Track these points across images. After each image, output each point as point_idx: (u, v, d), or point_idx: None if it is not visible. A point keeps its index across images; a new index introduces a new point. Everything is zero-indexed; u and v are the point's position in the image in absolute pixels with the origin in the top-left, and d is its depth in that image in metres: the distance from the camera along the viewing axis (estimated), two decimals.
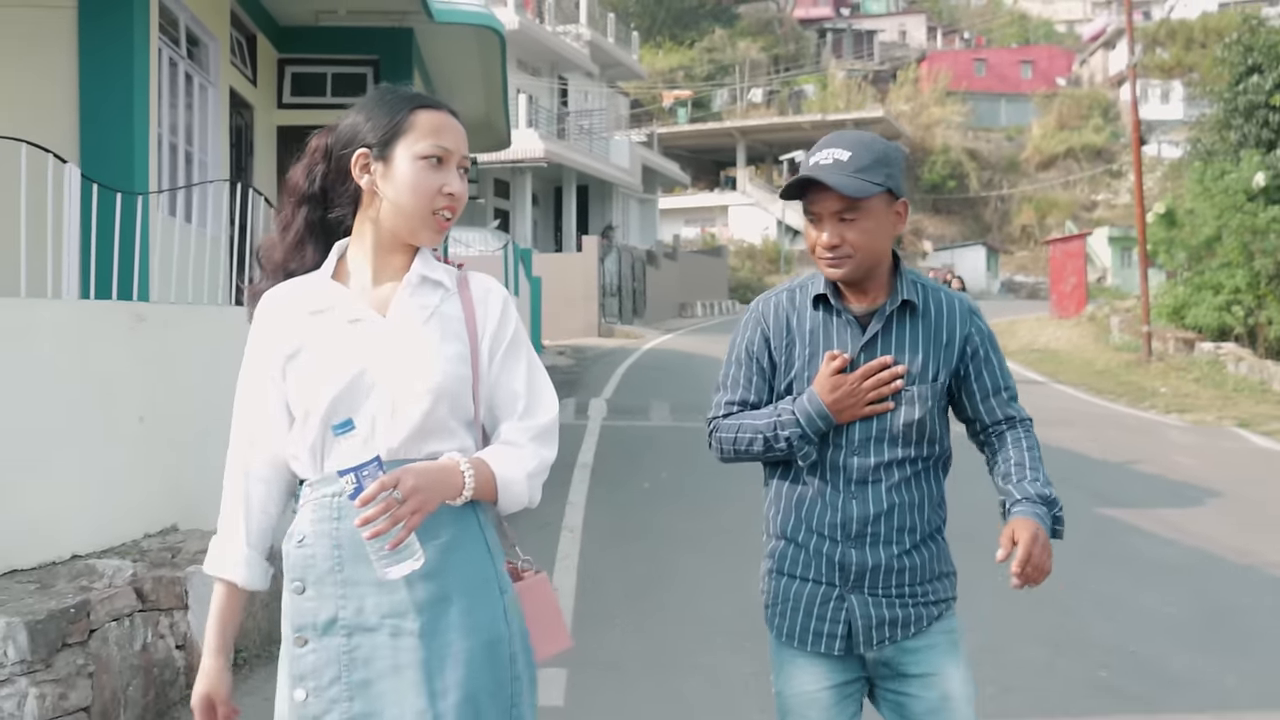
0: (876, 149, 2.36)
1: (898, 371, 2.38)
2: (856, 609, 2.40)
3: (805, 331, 2.46)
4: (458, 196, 2.13)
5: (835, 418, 2.37)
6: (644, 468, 9.80)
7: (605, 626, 5.66)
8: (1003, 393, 2.50)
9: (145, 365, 5.70)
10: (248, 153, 12.34)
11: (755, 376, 2.50)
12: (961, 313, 2.47)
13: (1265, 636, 5.58)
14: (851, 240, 2.35)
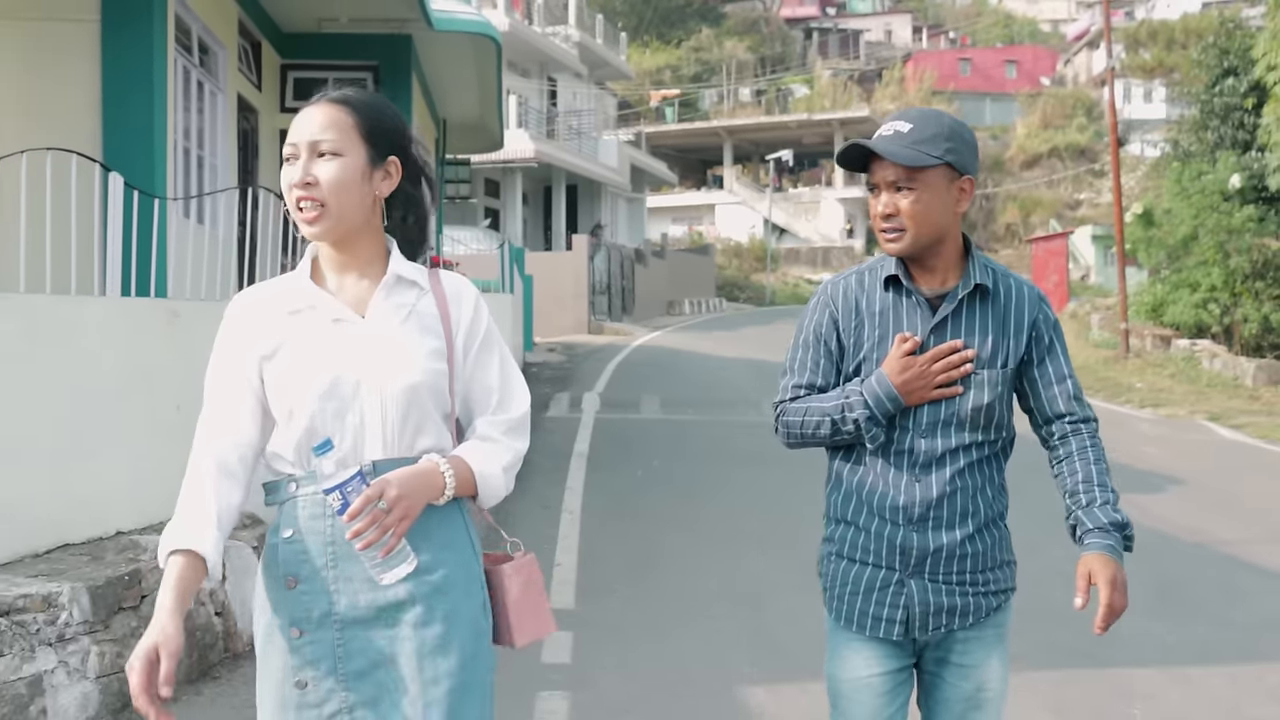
0: (942, 123, 2.37)
1: (967, 355, 2.38)
2: (915, 594, 2.40)
3: (875, 313, 2.45)
4: (309, 184, 2.06)
5: (904, 400, 2.37)
6: (636, 457, 10.30)
7: (606, 596, 6.16)
8: (1067, 383, 2.47)
9: (180, 358, 6.16)
10: (253, 155, 12.78)
11: (823, 360, 2.49)
12: (1031, 299, 2.46)
13: (1206, 603, 6.13)
14: (906, 211, 2.34)
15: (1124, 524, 2.36)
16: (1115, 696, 4.72)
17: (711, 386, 15.82)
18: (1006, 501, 2.50)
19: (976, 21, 77.36)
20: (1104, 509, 2.36)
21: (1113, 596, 2.26)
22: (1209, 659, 5.23)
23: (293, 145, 2.10)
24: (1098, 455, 2.44)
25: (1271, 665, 5.15)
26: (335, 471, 1.96)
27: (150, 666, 1.96)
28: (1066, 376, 2.49)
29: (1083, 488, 2.40)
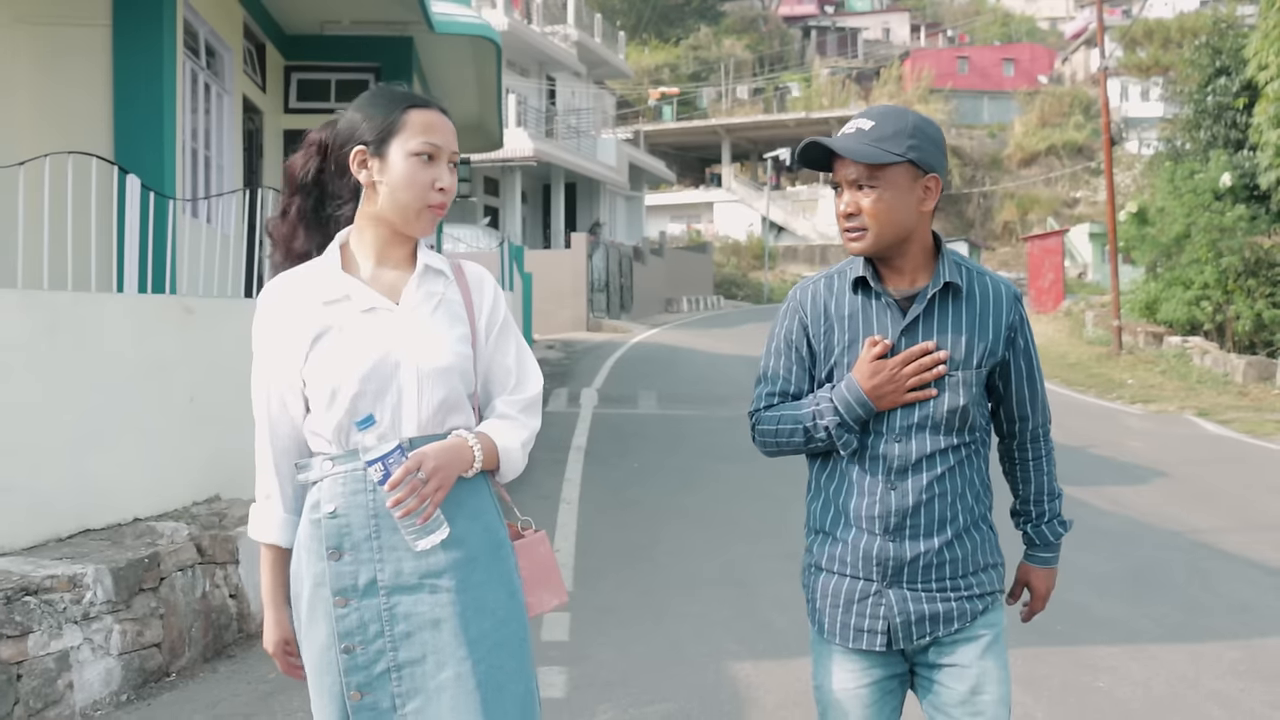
0: (904, 121, 2.32)
1: (939, 357, 2.33)
2: (895, 605, 2.35)
3: (844, 316, 2.40)
4: (448, 190, 2.25)
5: (875, 405, 2.32)
6: (633, 450, 10.57)
7: (602, 580, 6.43)
8: (1037, 385, 2.48)
9: (194, 352, 6.43)
10: (258, 155, 13.03)
11: (795, 366, 2.46)
12: (1007, 298, 2.42)
13: (1175, 587, 6.41)
14: (868, 210, 2.30)
15: (1064, 533, 2.54)
16: (1082, 671, 4.99)
17: (708, 382, 16.09)
18: (990, 502, 2.46)
19: (974, 20, 77.57)
20: (1050, 525, 2.52)
21: (1038, 605, 2.58)
22: (1173, 637, 5.50)
23: (437, 146, 2.24)
24: (1050, 463, 2.53)
25: (1232, 643, 5.42)
26: (376, 445, 2.09)
27: (287, 653, 2.34)
28: (1038, 381, 2.51)
29: (1034, 499, 2.52)
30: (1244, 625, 5.73)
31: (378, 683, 2.20)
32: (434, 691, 2.19)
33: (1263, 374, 18.66)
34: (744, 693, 4.73)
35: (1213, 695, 4.76)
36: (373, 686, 2.20)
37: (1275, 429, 13.43)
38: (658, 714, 4.49)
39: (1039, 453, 2.53)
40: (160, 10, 8.70)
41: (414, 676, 2.20)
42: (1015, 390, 2.48)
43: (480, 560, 2.23)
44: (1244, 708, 4.63)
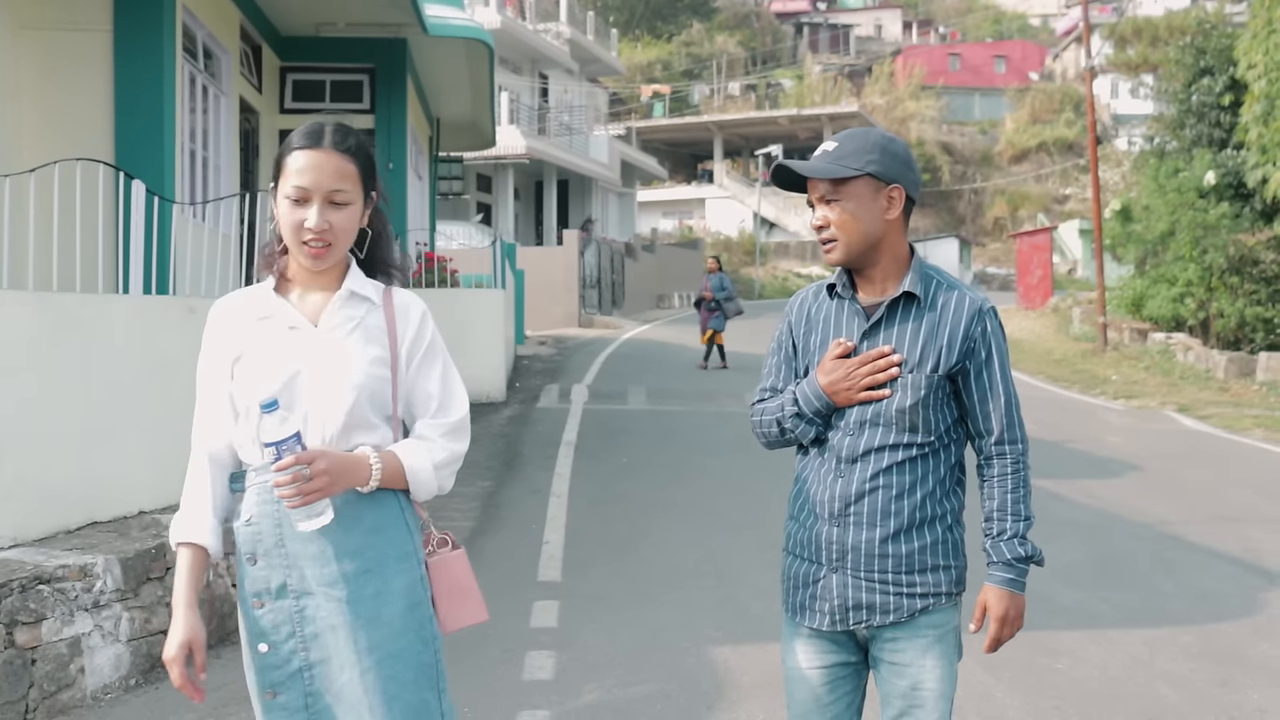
0: (867, 140, 2.53)
1: (894, 360, 2.49)
2: (834, 588, 2.52)
3: (819, 320, 2.63)
4: (316, 230, 2.33)
5: (832, 399, 2.52)
6: (622, 446, 10.83)
7: (590, 569, 6.69)
8: (1001, 400, 2.55)
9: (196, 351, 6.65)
10: (254, 155, 13.24)
11: (783, 365, 2.69)
12: (970, 310, 2.53)
13: (1138, 576, 6.69)
14: (835, 222, 2.51)
15: (1028, 557, 2.51)
16: (1043, 653, 5.25)
17: (697, 378, 16.37)
18: (954, 505, 2.55)
19: (966, 17, 77.87)
20: (1010, 543, 2.51)
21: (1000, 631, 2.53)
22: (1132, 622, 5.78)
23: (304, 190, 2.33)
24: (1016, 482, 2.54)
25: (1187, 628, 5.70)
26: (277, 428, 2.20)
27: (185, 659, 2.33)
28: (1002, 394, 2.56)
29: (996, 515, 2.53)
30: (1200, 611, 6.02)
31: (291, 682, 2.33)
32: (336, 693, 2.32)
33: (1243, 370, 18.94)
34: (722, 675, 4.99)
35: (1164, 675, 5.04)
36: (286, 686, 2.33)
37: (1252, 424, 13.69)
38: (641, 694, 4.75)
39: (1004, 469, 2.57)
40: (160, 15, 8.90)
41: (322, 676, 2.33)
42: (976, 402, 2.57)
43: (378, 573, 2.32)
44: (1193, 686, 4.91)
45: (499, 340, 14.07)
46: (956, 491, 2.60)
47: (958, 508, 2.60)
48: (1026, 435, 2.62)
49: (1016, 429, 2.59)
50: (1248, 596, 6.27)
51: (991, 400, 2.56)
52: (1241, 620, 5.85)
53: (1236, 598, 6.26)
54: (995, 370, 2.56)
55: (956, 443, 2.61)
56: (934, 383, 2.52)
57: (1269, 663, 5.22)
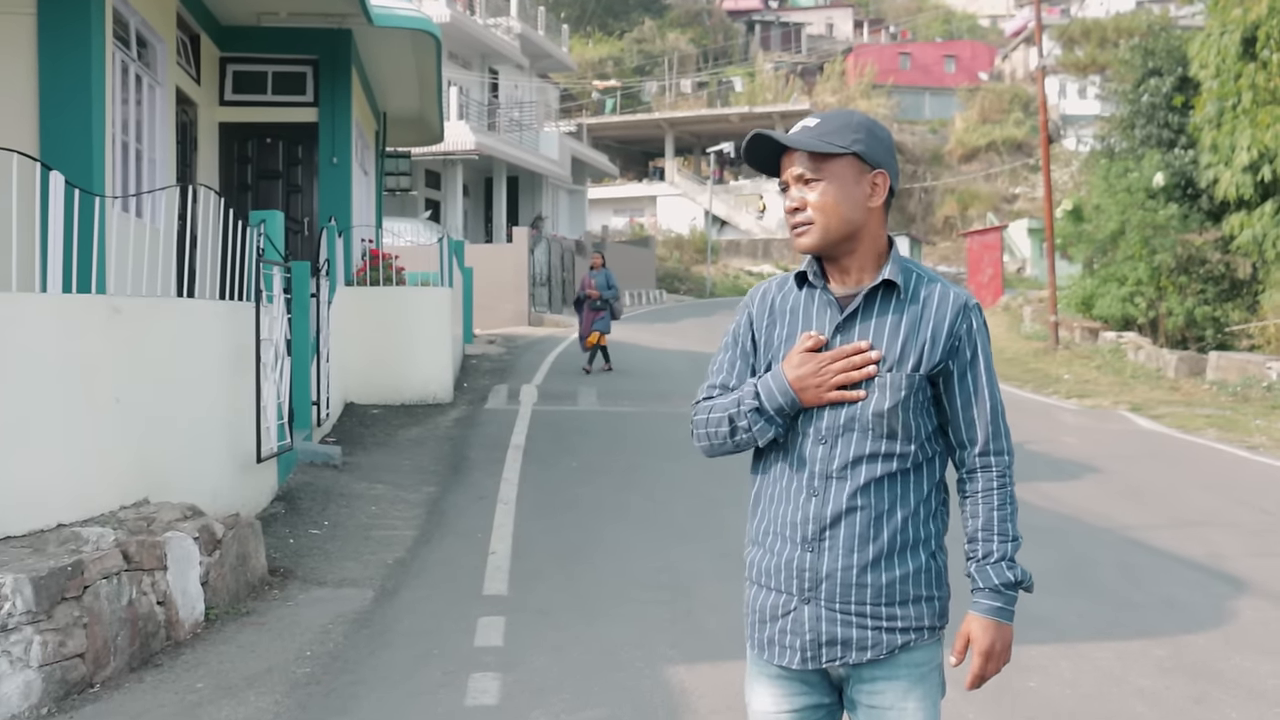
0: (850, 119, 2.33)
1: (871, 357, 2.25)
2: (807, 622, 2.27)
3: (785, 311, 2.38)
4: None
5: (798, 397, 2.26)
6: (573, 449, 10.52)
7: (539, 582, 6.39)
8: (986, 406, 2.33)
9: (120, 352, 6.30)
10: (192, 148, 12.82)
11: (739, 360, 2.43)
12: (955, 305, 2.31)
13: (1105, 584, 6.49)
14: (814, 203, 2.28)
15: (1016, 582, 2.28)
16: (1013, 670, 5.01)
17: (649, 378, 16.08)
18: (937, 528, 2.32)
19: (917, 16, 78.22)
20: (998, 566, 2.28)
21: (984, 667, 2.29)
22: (1102, 635, 5.57)
23: None
24: (1003, 498, 2.31)
25: (1158, 640, 5.50)
26: None
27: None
28: (987, 399, 2.33)
29: (981, 536, 2.30)
30: (1170, 621, 5.82)
31: None
32: None
33: (1193, 369, 18.99)
34: (678, 698, 4.71)
35: (1139, 693, 4.82)
36: None
37: (1205, 424, 13.66)
38: None
39: (989, 484, 2.33)
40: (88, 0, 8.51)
41: None
42: (959, 408, 2.34)
43: None
44: (1169, 704, 4.70)
45: (445, 340, 13.71)
46: (940, 513, 2.36)
47: (941, 531, 2.36)
48: (1013, 446, 2.38)
49: (1003, 439, 2.35)
50: (1216, 605, 6.09)
51: (976, 406, 2.33)
52: (1212, 631, 5.66)
53: (1205, 607, 6.07)
54: (980, 373, 2.33)
55: (939, 455, 2.37)
56: (915, 383, 2.28)
57: (1243, 678, 5.03)
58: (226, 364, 7.48)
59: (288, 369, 8.47)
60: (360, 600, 6.15)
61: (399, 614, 5.88)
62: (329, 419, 10.97)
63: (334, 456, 9.39)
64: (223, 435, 7.38)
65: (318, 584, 6.47)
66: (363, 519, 7.88)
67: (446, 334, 13.75)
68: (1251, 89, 19.24)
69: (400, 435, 11.20)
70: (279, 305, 8.07)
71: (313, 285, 10.26)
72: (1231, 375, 17.99)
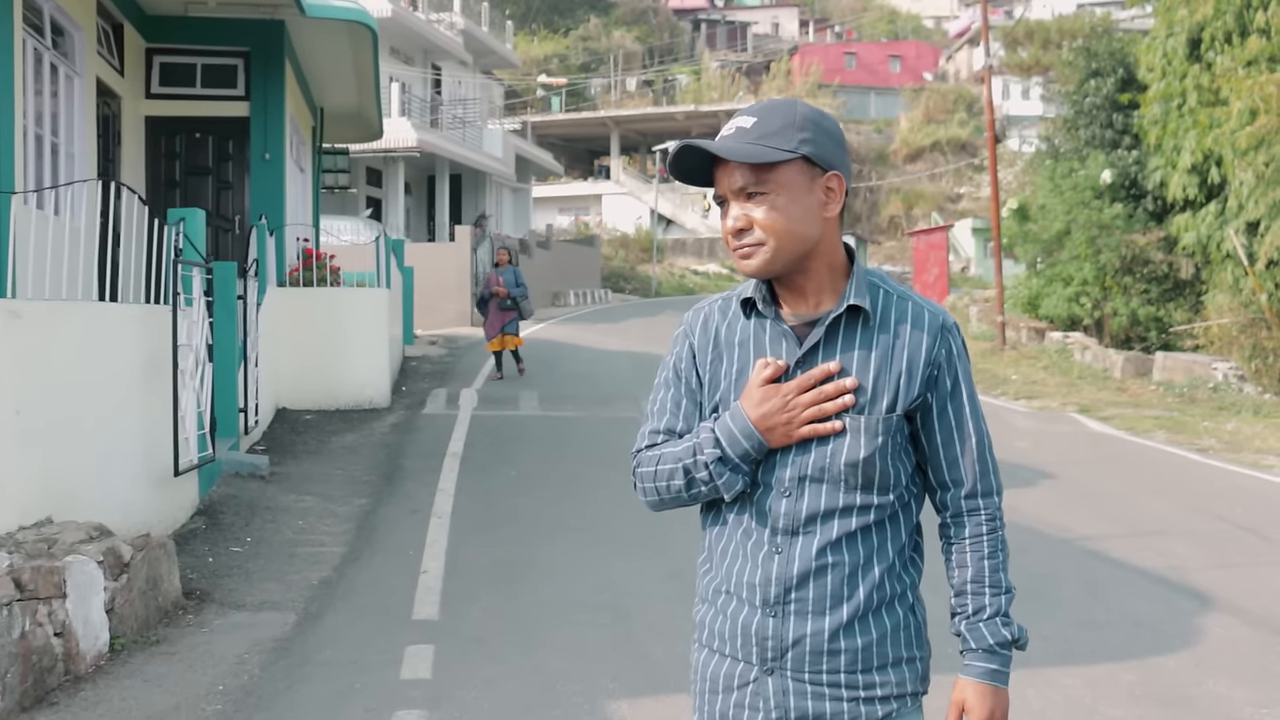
0: (793, 113, 1.95)
1: (845, 385, 1.93)
2: (771, 696, 1.95)
3: (734, 344, 2.03)
4: None
5: (764, 438, 1.93)
6: (512, 457, 10.12)
7: (471, 605, 6.00)
8: (971, 442, 2.01)
9: (20, 360, 5.84)
10: (115, 143, 12.29)
11: (684, 400, 2.07)
12: (932, 328, 1.98)
13: (1067, 601, 6.20)
14: (761, 221, 1.92)
15: (1012, 640, 2.01)
16: None
17: (592, 380, 15.71)
18: (912, 578, 2.02)
19: (862, 16, 78.47)
20: (991, 624, 1.99)
21: None
22: (1069, 659, 5.27)
23: None
24: (994, 545, 2.01)
25: (1127, 664, 5.22)
26: None
27: None
28: (971, 433, 2.02)
29: (971, 589, 2.00)
30: (1137, 643, 5.55)
31: None
32: None
33: (1139, 369, 18.97)
34: None
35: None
36: None
37: (1154, 425, 13.55)
38: None
39: (977, 530, 2.03)
40: None
41: None
42: (939, 445, 2.02)
43: None
44: None
45: (382, 342, 13.25)
46: (915, 559, 2.05)
47: (917, 579, 2.05)
48: (1002, 484, 2.07)
49: (991, 477, 2.05)
50: (1183, 624, 5.82)
51: (960, 442, 2.02)
52: (1181, 653, 5.38)
53: (1172, 625, 5.80)
54: (963, 404, 2.02)
55: (916, 498, 2.06)
56: (892, 425, 1.96)
57: (1218, 705, 4.76)
58: (141, 371, 7.03)
59: (210, 375, 8.02)
60: (281, 626, 5.74)
61: (321, 642, 5.48)
62: (258, 426, 10.50)
63: (261, 467, 8.94)
64: (136, 447, 6.92)
65: (236, 607, 6.04)
66: (288, 534, 7.45)
67: (383, 336, 13.29)
68: (1196, 90, 19.26)
69: (333, 442, 10.75)
70: (199, 308, 7.62)
71: (240, 287, 9.79)
72: (1178, 376, 17.96)
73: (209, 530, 7.40)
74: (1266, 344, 18.36)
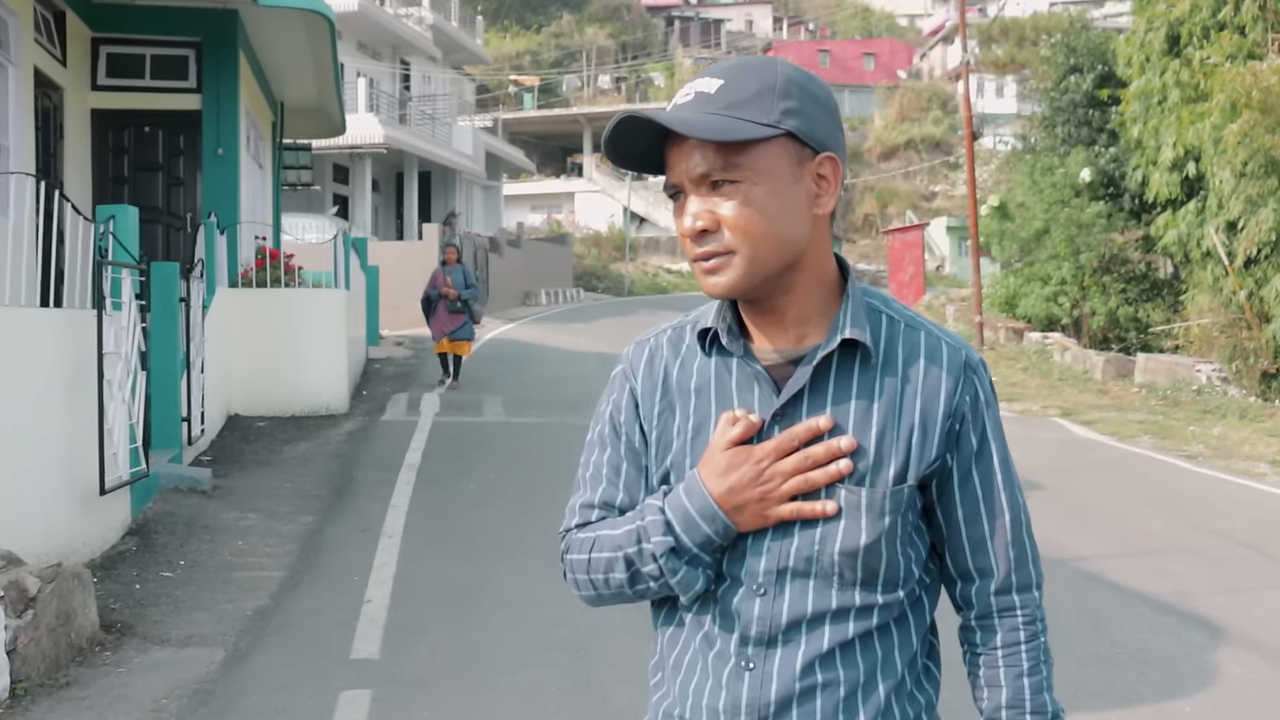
0: (771, 75, 1.42)
1: (838, 448, 1.42)
2: None
3: (689, 391, 1.52)
4: None
5: (731, 519, 1.42)
6: (472, 468, 9.57)
7: (416, 640, 5.46)
8: (1004, 519, 1.51)
9: None
10: (57, 136, 11.70)
11: (625, 464, 1.56)
12: (952, 364, 1.48)
13: (1068, 633, 5.65)
14: (731, 221, 1.40)
15: None
16: None
17: (560, 384, 15.18)
18: (928, 695, 1.53)
19: (836, 13, 78.27)
20: None
21: None
22: (1076, 704, 4.76)
23: None
24: (1035, 656, 1.51)
25: (1139, 709, 4.72)
26: None
27: None
28: (1005, 507, 1.51)
29: (1007, 716, 1.50)
30: (1147, 683, 5.05)
31: None
32: None
33: (1121, 371, 18.63)
34: None
35: None
36: None
37: (1139, 430, 13.17)
38: None
39: (1013, 636, 1.52)
40: None
41: None
42: (961, 523, 1.51)
43: None
44: None
45: (339, 345, 12.66)
46: (930, 670, 1.55)
47: (934, 697, 1.54)
48: (1043, 573, 1.57)
49: (1030, 566, 1.55)
50: (1196, 660, 5.34)
51: (989, 519, 1.51)
52: (1197, 695, 4.89)
53: (1184, 662, 5.31)
54: (993, 468, 1.52)
55: (930, 590, 1.55)
56: (903, 501, 1.45)
57: None
58: (62, 382, 6.47)
59: (143, 384, 7.45)
60: (206, 664, 5.19)
61: (247, 685, 4.94)
62: (204, 435, 9.93)
63: (202, 481, 8.38)
64: (56, 465, 6.36)
65: (160, 642, 5.49)
66: (226, 556, 6.89)
67: (341, 339, 12.72)
68: (1177, 86, 18.95)
69: (285, 452, 10.18)
70: (129, 313, 7.05)
71: (183, 288, 9.22)
72: (1160, 378, 17.60)
73: (140, 552, 6.84)
74: (1247, 344, 18.07)
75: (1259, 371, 17.98)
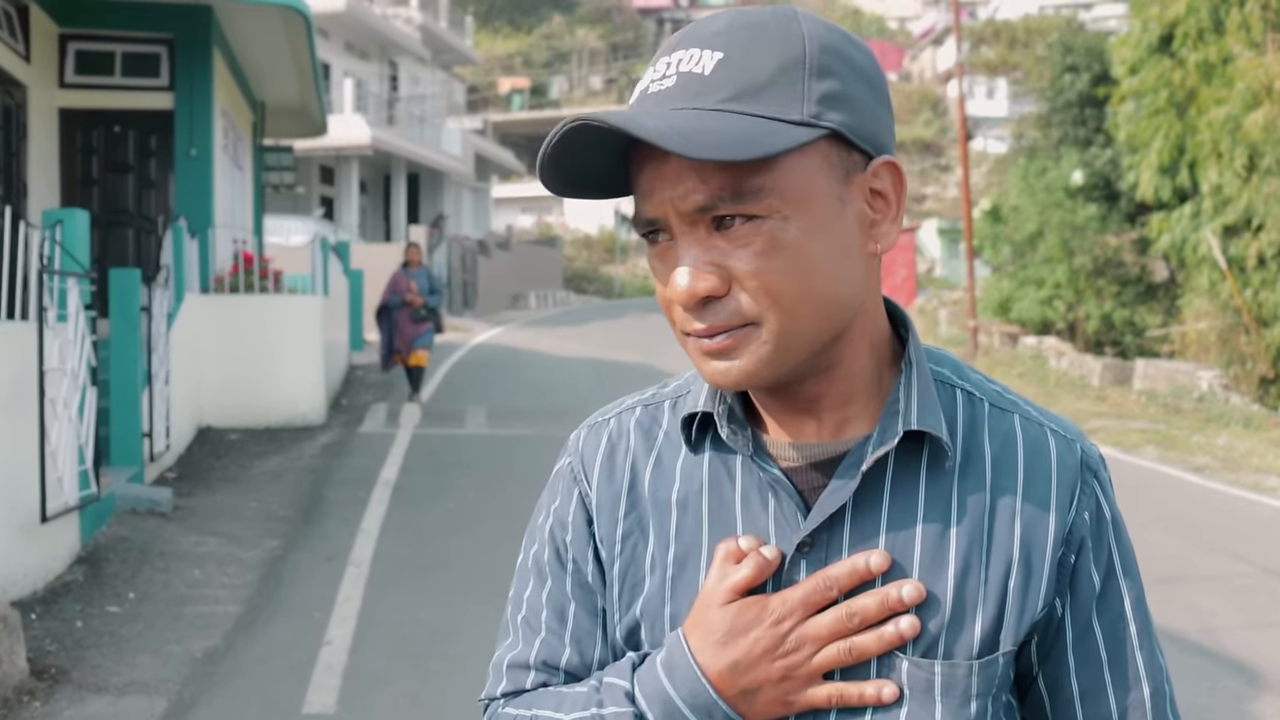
0: (791, 41, 0.92)
1: (901, 598, 0.95)
2: None
3: (668, 502, 1.04)
4: None
5: (737, 709, 0.96)
6: (451, 486, 9.08)
7: (378, 689, 4.99)
8: (1138, 695, 1.00)
9: None
10: (20, 136, 11.23)
11: (573, 605, 1.08)
12: (1064, 466, 1.00)
13: None
14: (751, 278, 0.90)
15: None
16: None
17: (548, 391, 14.70)
18: None
19: (826, 16, 77.89)
20: None
21: None
22: None
23: None
24: None
25: None
26: None
27: None
28: (1141, 677, 1.00)
29: None
30: None
31: None
32: None
33: (1119, 376, 18.24)
34: None
35: None
36: None
37: (1141, 440, 12.77)
38: None
39: None
40: None
41: None
42: (1076, 698, 1.01)
43: None
44: None
45: (316, 354, 12.17)
46: None
47: None
48: None
49: None
50: (1234, 711, 4.89)
51: (1117, 694, 0.99)
52: None
53: (1222, 712, 4.87)
54: (1125, 618, 1.00)
55: None
56: (996, 676, 0.97)
57: None
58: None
59: (94, 401, 6.97)
60: (145, 718, 4.72)
61: None
62: (169, 450, 9.44)
63: (162, 502, 7.89)
64: None
65: (96, 691, 5.01)
66: (180, 589, 6.41)
67: (318, 347, 12.23)
68: (1169, 87, 18.63)
69: (256, 468, 9.69)
70: (76, 325, 6.58)
71: (145, 296, 8.75)
72: (1160, 384, 17.20)
73: (86, 584, 6.35)
74: (1245, 349, 17.72)
75: (1257, 377, 17.67)
